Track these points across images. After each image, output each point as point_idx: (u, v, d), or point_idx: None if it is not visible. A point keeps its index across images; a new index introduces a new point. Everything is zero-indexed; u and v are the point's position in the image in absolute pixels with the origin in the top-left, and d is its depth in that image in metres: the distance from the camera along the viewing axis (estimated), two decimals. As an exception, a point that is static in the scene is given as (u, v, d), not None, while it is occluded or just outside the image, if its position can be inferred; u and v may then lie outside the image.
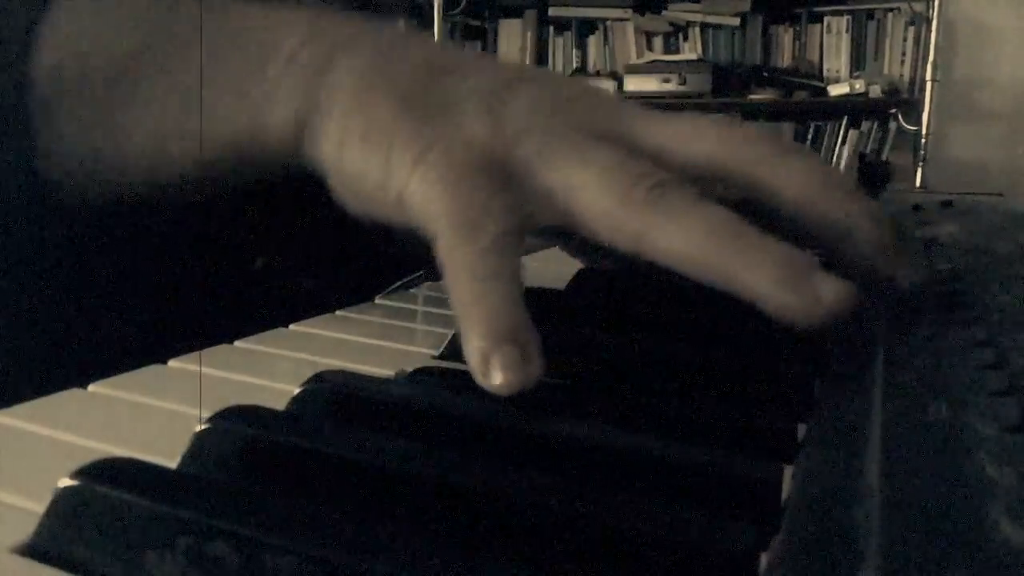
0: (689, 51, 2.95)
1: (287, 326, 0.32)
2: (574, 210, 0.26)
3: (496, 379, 0.22)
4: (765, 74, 2.84)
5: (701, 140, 0.28)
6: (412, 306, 0.36)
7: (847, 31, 2.84)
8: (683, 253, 0.25)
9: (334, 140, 0.29)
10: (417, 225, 0.27)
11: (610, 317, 0.33)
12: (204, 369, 0.27)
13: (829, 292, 0.24)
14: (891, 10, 2.82)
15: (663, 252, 0.25)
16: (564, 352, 0.28)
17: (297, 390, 0.23)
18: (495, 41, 3.18)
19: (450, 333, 0.29)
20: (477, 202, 0.26)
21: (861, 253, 0.27)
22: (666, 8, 2.98)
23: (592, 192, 0.26)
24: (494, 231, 0.25)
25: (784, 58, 2.91)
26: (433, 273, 0.41)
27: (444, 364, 0.28)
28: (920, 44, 2.72)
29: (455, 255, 0.25)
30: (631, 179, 0.26)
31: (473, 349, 0.23)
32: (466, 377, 0.26)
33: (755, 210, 0.27)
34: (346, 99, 0.28)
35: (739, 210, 0.25)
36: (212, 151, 0.31)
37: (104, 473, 0.17)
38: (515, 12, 3.13)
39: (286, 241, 0.45)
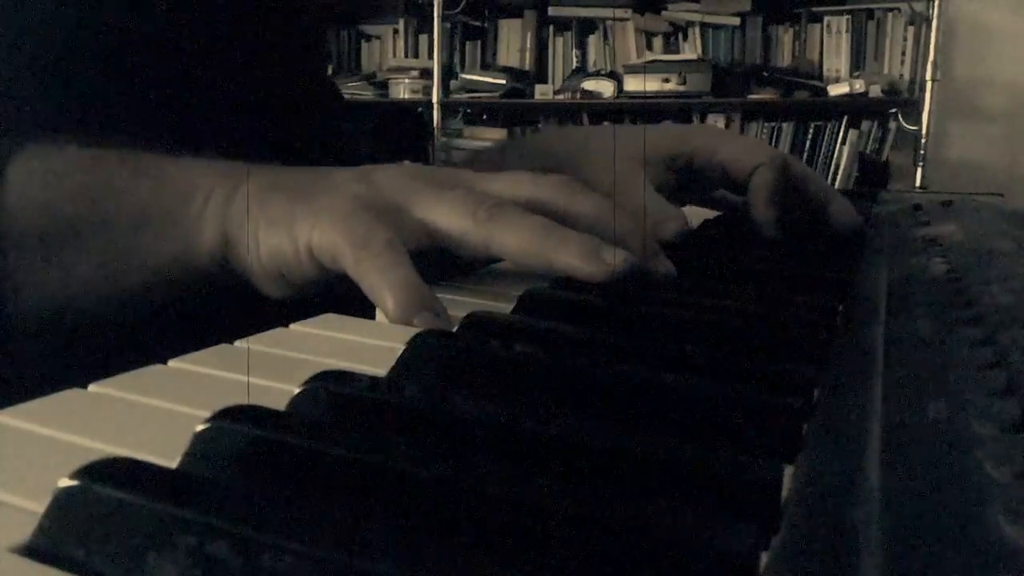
0: (689, 51, 2.95)
1: (287, 326, 0.32)
2: (439, 232, 0.36)
3: None
4: (765, 74, 2.84)
5: (520, 187, 0.38)
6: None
7: (847, 31, 2.84)
8: (518, 249, 0.35)
9: (251, 240, 0.37)
10: (328, 265, 0.35)
11: (604, 316, 0.33)
12: (204, 369, 0.27)
13: (612, 259, 0.35)
14: (891, 10, 2.82)
15: (505, 251, 0.35)
16: (559, 348, 0.28)
17: (297, 390, 0.23)
18: (495, 41, 3.18)
19: (450, 331, 0.30)
20: (364, 224, 0.34)
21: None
22: (666, 8, 2.98)
23: (449, 217, 0.36)
24: (383, 238, 0.34)
25: (784, 58, 2.91)
26: (431, 275, 0.41)
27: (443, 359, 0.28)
28: (920, 44, 2.72)
29: (360, 264, 0.33)
30: (474, 205, 0.36)
31: (397, 323, 0.32)
32: (465, 376, 0.26)
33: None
34: (251, 211, 0.37)
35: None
36: (157, 278, 0.39)
37: (104, 473, 0.17)
38: (515, 12, 3.13)
39: None
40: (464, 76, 3.09)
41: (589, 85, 2.93)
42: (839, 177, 2.79)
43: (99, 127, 0.41)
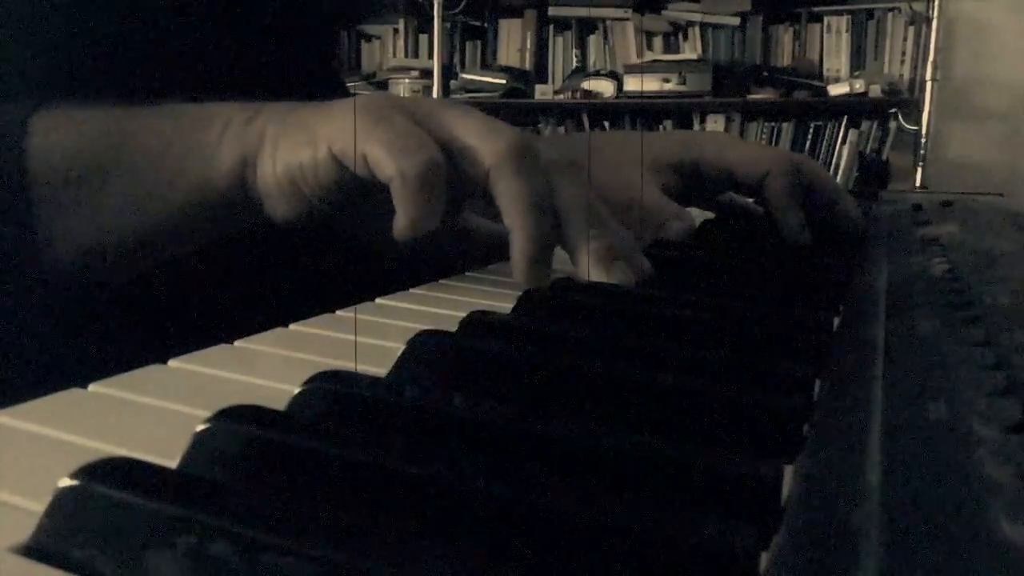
0: (689, 51, 2.96)
1: (287, 326, 0.32)
2: (456, 141, 0.37)
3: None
4: (765, 74, 2.84)
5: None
6: (412, 306, 0.36)
7: (847, 31, 2.84)
8: (522, 207, 0.37)
9: (268, 155, 0.38)
10: (348, 162, 0.36)
11: (604, 316, 0.33)
12: (204, 369, 0.27)
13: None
14: (891, 10, 2.82)
15: (510, 199, 0.37)
16: (559, 348, 0.28)
17: (297, 390, 0.23)
18: (495, 41, 3.18)
19: (451, 330, 0.29)
20: (386, 109, 0.37)
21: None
22: (666, 8, 2.98)
23: (477, 136, 0.37)
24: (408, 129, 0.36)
25: (784, 58, 2.91)
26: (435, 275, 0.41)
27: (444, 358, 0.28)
28: (920, 44, 2.73)
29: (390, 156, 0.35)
30: (507, 138, 0.37)
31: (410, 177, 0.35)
32: (465, 376, 0.26)
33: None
34: (269, 127, 0.39)
35: None
36: (182, 211, 0.40)
37: (104, 473, 0.17)
38: (515, 12, 3.13)
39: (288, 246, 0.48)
40: (464, 76, 3.09)
41: (589, 85, 2.93)
42: (839, 177, 2.79)
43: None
